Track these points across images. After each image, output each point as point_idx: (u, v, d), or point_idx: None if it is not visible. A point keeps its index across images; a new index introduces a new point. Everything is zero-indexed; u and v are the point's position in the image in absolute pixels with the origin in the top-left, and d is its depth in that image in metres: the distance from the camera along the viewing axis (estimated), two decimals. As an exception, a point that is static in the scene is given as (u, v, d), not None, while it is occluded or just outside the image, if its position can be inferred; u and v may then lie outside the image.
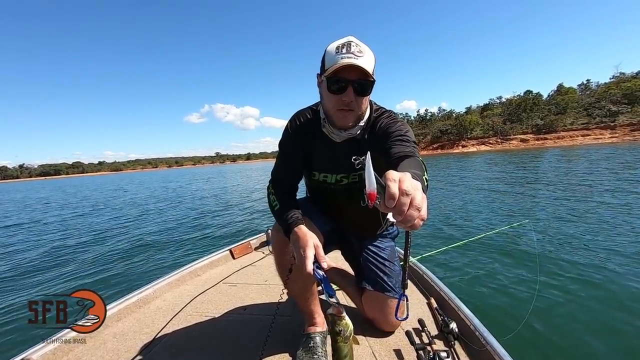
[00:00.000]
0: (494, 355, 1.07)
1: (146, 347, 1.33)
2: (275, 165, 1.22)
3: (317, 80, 1.09)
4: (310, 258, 0.89)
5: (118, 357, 1.27)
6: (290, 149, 1.21)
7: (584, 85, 66.99)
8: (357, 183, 1.23)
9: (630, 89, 50.92)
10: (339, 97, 1.01)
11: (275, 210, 1.12)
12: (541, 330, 2.12)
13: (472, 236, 2.99)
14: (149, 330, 1.46)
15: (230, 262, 2.40)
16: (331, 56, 0.98)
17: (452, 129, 64.31)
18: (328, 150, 1.18)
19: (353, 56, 0.95)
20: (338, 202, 1.30)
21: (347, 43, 0.97)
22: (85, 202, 15.21)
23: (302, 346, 1.20)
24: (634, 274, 2.87)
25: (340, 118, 1.07)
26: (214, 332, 1.43)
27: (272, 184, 1.19)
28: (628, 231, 4.15)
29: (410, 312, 1.23)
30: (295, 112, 1.22)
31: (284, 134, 1.22)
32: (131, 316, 1.61)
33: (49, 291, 3.65)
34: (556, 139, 49.76)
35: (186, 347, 1.32)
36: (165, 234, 6.42)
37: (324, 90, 1.05)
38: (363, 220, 1.36)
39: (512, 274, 3.10)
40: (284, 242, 1.09)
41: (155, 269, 4.21)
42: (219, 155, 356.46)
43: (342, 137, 1.13)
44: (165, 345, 1.35)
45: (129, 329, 1.49)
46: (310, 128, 1.18)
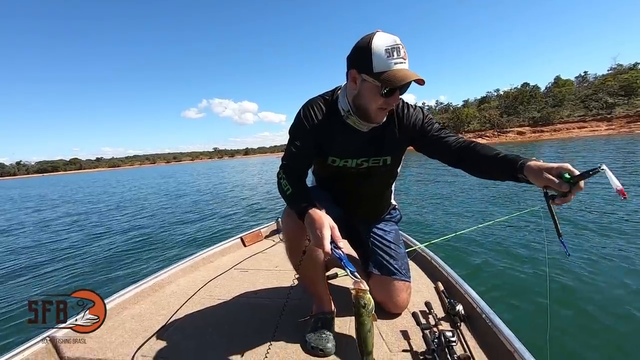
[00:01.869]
0: (500, 336, 1.10)
1: (162, 327, 1.40)
2: (287, 152, 1.23)
3: (352, 75, 1.08)
4: (327, 238, 0.92)
5: (136, 335, 1.35)
6: (302, 137, 1.21)
7: (582, 77, 66.97)
8: (378, 167, 1.29)
9: (627, 80, 50.95)
10: (385, 100, 1.05)
11: (287, 195, 1.13)
12: (551, 313, 2.16)
13: (481, 223, 3.02)
14: (165, 312, 1.53)
15: (241, 249, 2.49)
16: (382, 59, 0.98)
17: (449, 123, 64.30)
18: (351, 138, 1.22)
19: (403, 61, 0.99)
20: (353, 185, 1.34)
21: (395, 47, 0.98)
22: (106, 197, 15.18)
23: (311, 327, 1.26)
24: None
25: (379, 116, 1.14)
26: (227, 314, 1.50)
27: (283, 169, 1.20)
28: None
29: (417, 296, 1.26)
30: (307, 101, 1.24)
31: (296, 122, 1.23)
32: (147, 299, 1.69)
33: (53, 288, 3.69)
34: (552, 132, 49.86)
35: (200, 328, 1.39)
36: (184, 226, 6.50)
37: (367, 89, 1.06)
38: (373, 203, 1.44)
39: (521, 260, 3.16)
40: (296, 227, 1.12)
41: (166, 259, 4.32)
42: (217, 151, 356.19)
43: (369, 126, 1.19)
44: (180, 326, 1.42)
45: (146, 310, 1.57)
46: (325, 119, 1.21)
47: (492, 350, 1.12)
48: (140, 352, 1.23)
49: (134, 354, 1.22)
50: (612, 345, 1.92)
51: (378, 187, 1.41)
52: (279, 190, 1.19)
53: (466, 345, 1.14)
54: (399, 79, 0.97)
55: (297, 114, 1.24)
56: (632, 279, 2.60)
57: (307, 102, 1.24)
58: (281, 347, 1.21)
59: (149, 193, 15.30)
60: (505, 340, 1.07)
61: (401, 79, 0.97)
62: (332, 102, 1.22)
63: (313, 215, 0.98)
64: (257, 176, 21.78)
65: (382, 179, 1.38)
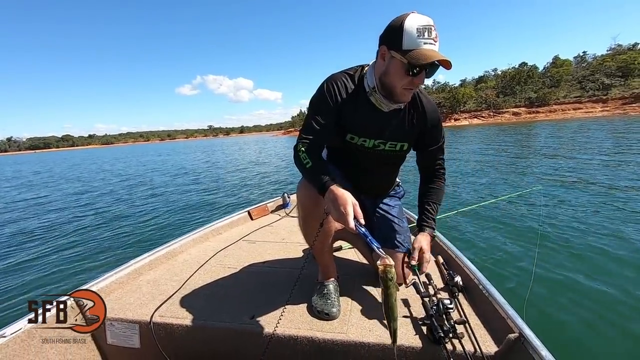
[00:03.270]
0: (495, 305, 1.19)
1: (177, 291, 1.49)
2: (306, 125, 1.22)
3: (382, 51, 1.11)
4: (351, 215, 0.98)
5: (153, 298, 1.44)
6: (324, 111, 1.21)
7: (580, 58, 66.14)
8: (394, 152, 1.33)
9: (625, 61, 50.50)
10: (411, 79, 1.08)
11: (307, 168, 1.15)
12: (540, 286, 2.33)
13: (482, 201, 3.11)
14: (178, 278, 1.63)
15: (248, 222, 2.60)
16: (412, 37, 1.01)
17: (445, 102, 63.71)
18: (373, 116, 1.25)
19: (434, 42, 1.02)
20: (366, 164, 1.38)
21: (428, 27, 1.00)
22: (111, 176, 15.00)
23: (317, 292, 1.35)
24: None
25: (404, 95, 1.15)
26: (236, 281, 1.60)
27: (302, 142, 1.19)
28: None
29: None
30: (330, 76, 1.25)
31: (319, 96, 1.23)
32: (161, 266, 1.79)
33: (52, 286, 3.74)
34: (548, 112, 49.73)
35: (212, 292, 1.49)
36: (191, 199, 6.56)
37: (394, 66, 1.09)
38: (382, 182, 1.52)
39: (516, 236, 3.33)
40: (312, 200, 1.18)
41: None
42: (212, 129, 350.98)
43: (391, 107, 1.22)
44: (193, 290, 1.51)
45: (160, 276, 1.67)
46: (348, 94, 1.22)
47: (487, 316, 1.21)
48: (158, 313, 1.32)
49: (152, 314, 1.31)
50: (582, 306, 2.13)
51: (389, 168, 1.48)
52: (297, 162, 1.19)
53: (463, 312, 1.23)
54: (426, 58, 1.00)
55: (319, 88, 1.24)
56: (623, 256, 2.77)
57: (330, 77, 1.25)
58: (289, 310, 1.30)
59: (153, 170, 15.33)
60: (499, 308, 1.16)
61: (428, 58, 1.00)
62: (357, 78, 1.24)
63: (336, 192, 1.02)
64: (259, 153, 21.77)
65: (394, 162, 1.44)
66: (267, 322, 1.23)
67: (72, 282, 3.14)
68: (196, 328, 1.25)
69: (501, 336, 1.06)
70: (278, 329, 1.16)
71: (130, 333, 1.29)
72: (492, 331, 1.13)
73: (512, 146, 12.74)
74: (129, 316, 1.31)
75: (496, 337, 1.09)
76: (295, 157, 1.21)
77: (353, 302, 1.36)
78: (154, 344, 1.24)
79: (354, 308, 1.32)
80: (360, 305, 1.34)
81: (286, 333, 1.17)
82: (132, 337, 1.29)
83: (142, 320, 1.29)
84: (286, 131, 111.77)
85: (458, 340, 1.05)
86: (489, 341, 1.09)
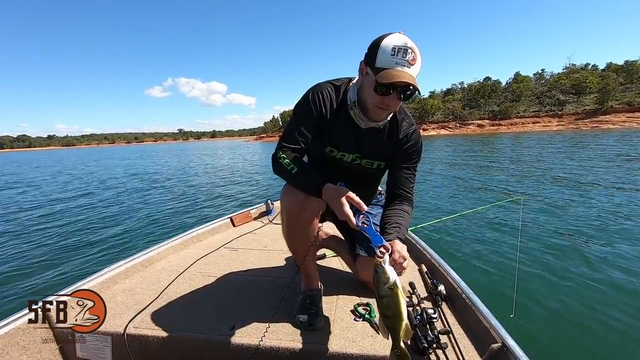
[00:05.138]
0: (477, 314, 1.20)
1: (153, 301, 1.42)
2: (289, 133, 1.21)
3: (360, 67, 1.11)
4: (351, 212, 1.02)
5: (128, 308, 1.36)
6: (308, 119, 1.21)
7: (539, 75, 70.69)
8: (370, 169, 1.33)
9: (578, 80, 54.77)
10: (382, 98, 1.06)
11: (293, 174, 1.13)
12: (522, 295, 2.39)
13: (464, 210, 3.21)
14: (155, 287, 1.55)
15: (230, 229, 2.53)
16: (386, 56, 1.00)
17: (415, 113, 65.71)
18: (350, 131, 1.23)
19: (407, 64, 0.99)
20: (345, 176, 1.35)
21: (404, 48, 0.98)
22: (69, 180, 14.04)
23: (300, 302, 1.31)
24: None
25: (376, 114, 1.13)
26: (216, 290, 1.55)
27: (283, 149, 1.18)
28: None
29: (401, 277, 1.35)
30: (315, 85, 1.24)
31: (304, 105, 1.22)
32: (138, 274, 1.70)
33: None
34: (509, 125, 52.75)
35: (190, 302, 1.43)
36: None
37: (367, 83, 1.08)
38: (362, 191, 1.47)
39: (498, 245, 3.44)
40: (299, 205, 1.17)
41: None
42: (183, 132, 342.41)
43: (367, 124, 1.20)
44: (171, 299, 1.45)
45: (136, 285, 1.58)
46: (332, 106, 1.21)
47: (470, 326, 1.22)
48: (132, 324, 1.24)
49: (126, 325, 1.23)
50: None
51: (371, 181, 1.47)
52: (278, 170, 1.17)
53: (446, 321, 1.24)
54: (389, 78, 0.98)
55: (304, 96, 1.23)
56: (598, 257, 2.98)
57: (316, 86, 1.24)
58: (271, 321, 1.25)
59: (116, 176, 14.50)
60: (482, 318, 1.17)
61: (390, 78, 0.98)
62: (342, 90, 1.23)
63: (333, 189, 1.03)
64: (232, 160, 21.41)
65: (375, 175, 1.43)
66: (248, 333, 1.19)
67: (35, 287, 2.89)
68: (173, 339, 1.18)
69: (484, 346, 1.08)
70: (259, 340, 1.12)
71: (101, 346, 1.21)
72: (475, 341, 1.15)
73: (484, 157, 13.18)
74: (101, 328, 1.21)
75: (479, 347, 1.11)
76: (275, 165, 1.19)
77: (336, 312, 1.34)
78: (127, 357, 1.17)
79: (337, 318, 1.29)
80: (344, 315, 1.32)
81: (268, 344, 1.13)
82: (104, 350, 1.21)
83: (115, 332, 1.21)
84: (258, 137, 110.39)
85: (442, 351, 1.05)
86: (472, 351, 1.10)
